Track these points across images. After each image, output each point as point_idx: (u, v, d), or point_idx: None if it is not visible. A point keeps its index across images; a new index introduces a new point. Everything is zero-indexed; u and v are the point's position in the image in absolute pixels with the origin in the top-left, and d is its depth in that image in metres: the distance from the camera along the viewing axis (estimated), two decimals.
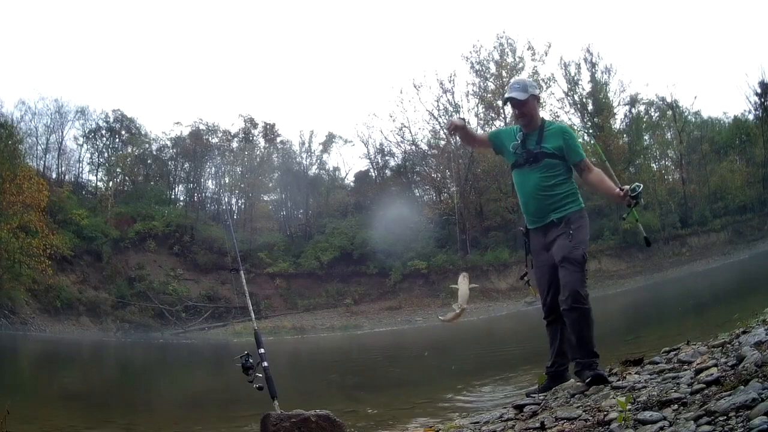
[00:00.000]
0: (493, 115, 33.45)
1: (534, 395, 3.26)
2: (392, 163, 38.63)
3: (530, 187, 3.41)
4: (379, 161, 39.06)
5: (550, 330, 3.49)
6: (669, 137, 36.29)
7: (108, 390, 9.51)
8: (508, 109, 33.71)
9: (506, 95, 3.51)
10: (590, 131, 33.40)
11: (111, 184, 36.78)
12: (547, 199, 3.37)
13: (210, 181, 40.13)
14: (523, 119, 3.47)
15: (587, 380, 2.94)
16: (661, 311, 13.83)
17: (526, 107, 3.43)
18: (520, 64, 33.43)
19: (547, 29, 63.27)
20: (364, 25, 74.30)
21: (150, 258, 31.03)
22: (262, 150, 40.51)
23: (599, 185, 3.45)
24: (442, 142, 35.89)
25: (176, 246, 32.20)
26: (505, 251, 30.48)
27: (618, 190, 3.28)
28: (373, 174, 39.55)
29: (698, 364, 2.72)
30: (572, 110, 33.85)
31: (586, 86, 33.37)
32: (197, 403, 7.47)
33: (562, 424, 2.18)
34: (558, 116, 34.13)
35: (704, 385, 2.10)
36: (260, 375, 3.16)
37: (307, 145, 40.65)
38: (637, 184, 3.23)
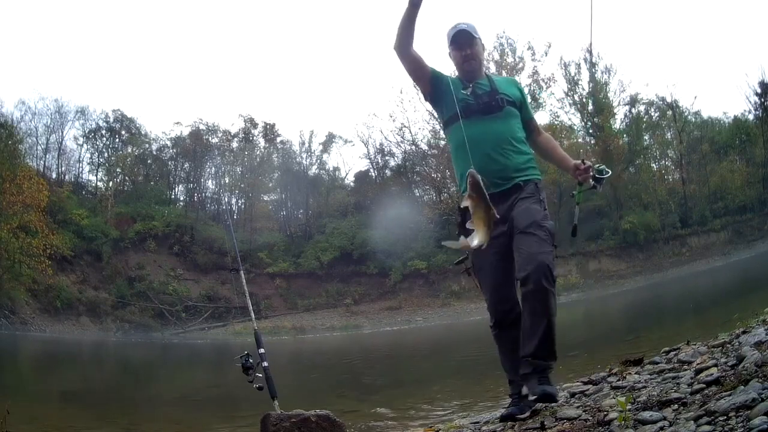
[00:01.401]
0: None
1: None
2: (392, 163, 38.68)
3: (494, 139, 2.63)
4: (379, 161, 39.12)
5: (506, 338, 2.61)
6: (669, 137, 36.29)
7: (108, 390, 9.52)
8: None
9: (454, 30, 2.75)
10: (590, 131, 33.43)
11: (111, 184, 36.80)
12: (514, 156, 2.65)
13: (210, 181, 40.20)
14: (470, 64, 2.74)
15: (534, 397, 2.39)
16: (661, 311, 13.83)
17: (476, 48, 2.75)
18: (520, 64, 33.43)
19: (547, 29, 63.22)
20: (364, 25, 74.31)
21: (150, 258, 31.04)
22: (262, 150, 40.55)
23: (553, 152, 2.90)
24: (442, 143, 35.88)
25: (176, 246, 32.22)
26: None
27: (578, 162, 2.72)
28: (373, 174, 39.58)
29: (698, 364, 2.72)
30: (572, 110, 33.86)
31: (586, 86, 33.37)
32: (197, 403, 7.47)
33: (562, 424, 2.18)
34: (558, 116, 34.16)
35: (704, 385, 2.10)
36: (260, 375, 3.16)
37: (307, 145, 40.71)
38: (605, 167, 2.73)
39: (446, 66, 3.12)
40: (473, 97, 2.69)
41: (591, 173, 2.67)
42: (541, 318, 2.39)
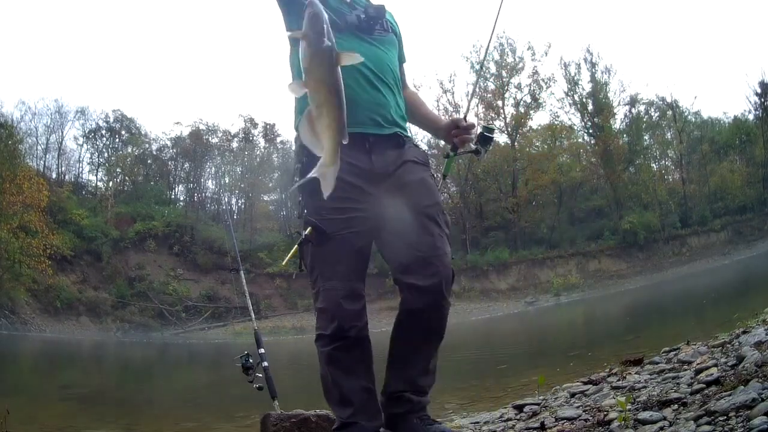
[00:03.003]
0: (493, 115, 33.47)
1: None
2: None
3: (376, 64, 1.84)
4: None
5: (356, 354, 1.89)
6: (669, 137, 36.33)
7: (108, 390, 9.51)
8: (509, 110, 33.89)
9: None
10: (590, 131, 33.46)
11: (111, 184, 36.83)
12: (395, 94, 1.90)
13: (210, 181, 40.25)
14: None
15: None
16: (661, 311, 13.83)
17: None
18: (520, 64, 33.47)
19: (547, 29, 63.27)
20: None
21: (150, 258, 31.05)
22: (262, 150, 40.63)
23: (420, 107, 2.11)
24: (442, 142, 35.86)
25: (176, 246, 32.22)
26: (505, 251, 30.49)
27: (458, 118, 2.02)
28: None
29: (698, 364, 2.71)
30: (572, 110, 33.89)
31: (586, 86, 33.43)
32: (197, 403, 7.46)
33: (563, 424, 2.18)
34: (558, 116, 34.18)
35: (704, 385, 2.10)
36: (260, 375, 3.15)
37: None
38: (494, 125, 1.99)
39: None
40: (350, 9, 1.88)
41: (472, 134, 1.97)
42: (430, 341, 1.90)
